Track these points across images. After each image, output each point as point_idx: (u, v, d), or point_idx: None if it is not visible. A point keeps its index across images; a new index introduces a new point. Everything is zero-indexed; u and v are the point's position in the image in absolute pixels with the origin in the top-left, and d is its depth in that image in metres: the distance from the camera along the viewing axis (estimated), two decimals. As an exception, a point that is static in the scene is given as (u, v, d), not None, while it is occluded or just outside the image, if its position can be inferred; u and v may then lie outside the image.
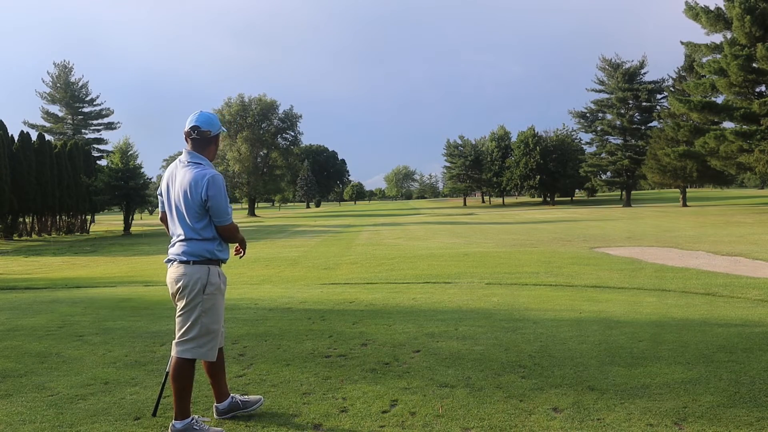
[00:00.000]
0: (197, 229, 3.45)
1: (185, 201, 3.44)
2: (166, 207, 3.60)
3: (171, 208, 3.54)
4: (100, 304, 8.18)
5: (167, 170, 3.63)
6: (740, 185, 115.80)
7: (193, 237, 3.46)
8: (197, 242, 3.46)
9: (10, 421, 3.65)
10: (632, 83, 66.26)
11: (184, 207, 3.45)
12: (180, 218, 3.49)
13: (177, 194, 3.48)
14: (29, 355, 5.24)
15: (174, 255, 3.50)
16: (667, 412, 3.60)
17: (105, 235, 42.49)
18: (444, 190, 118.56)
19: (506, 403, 3.78)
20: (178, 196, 3.47)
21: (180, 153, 3.61)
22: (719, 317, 6.50)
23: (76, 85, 64.92)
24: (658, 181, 56.34)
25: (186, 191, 3.43)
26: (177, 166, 3.55)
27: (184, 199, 3.45)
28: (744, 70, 37.82)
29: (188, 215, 3.45)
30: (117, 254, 24.41)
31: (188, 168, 3.47)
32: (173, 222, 3.54)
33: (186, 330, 3.43)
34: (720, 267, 11.81)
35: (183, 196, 3.45)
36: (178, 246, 3.49)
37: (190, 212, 3.44)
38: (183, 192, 3.44)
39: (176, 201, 3.49)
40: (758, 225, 25.35)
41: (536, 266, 12.39)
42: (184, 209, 3.45)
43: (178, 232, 3.50)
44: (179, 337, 3.45)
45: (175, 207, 3.51)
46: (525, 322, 6.30)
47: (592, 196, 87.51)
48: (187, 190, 3.42)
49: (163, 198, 3.61)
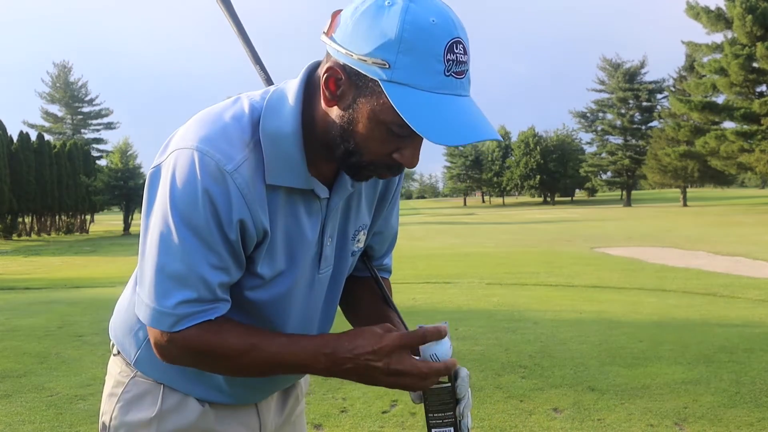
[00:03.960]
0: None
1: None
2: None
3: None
4: (100, 304, 8.16)
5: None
6: (741, 185, 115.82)
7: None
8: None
9: (10, 421, 3.64)
10: (633, 83, 66.22)
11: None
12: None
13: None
14: (28, 355, 5.22)
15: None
16: (667, 412, 3.59)
17: (104, 235, 42.48)
18: (444, 190, 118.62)
19: (506, 404, 3.77)
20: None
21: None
22: (720, 317, 6.50)
23: (75, 85, 64.96)
24: (659, 181, 56.38)
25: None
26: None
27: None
28: (744, 70, 37.85)
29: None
30: (117, 254, 24.39)
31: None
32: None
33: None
34: (720, 267, 11.80)
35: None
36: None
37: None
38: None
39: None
40: (759, 225, 25.33)
41: (536, 266, 12.38)
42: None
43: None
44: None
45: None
46: (525, 322, 6.29)
47: (592, 196, 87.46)
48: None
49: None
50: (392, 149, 1.03)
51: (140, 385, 1.23)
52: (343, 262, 1.27)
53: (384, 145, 1.02)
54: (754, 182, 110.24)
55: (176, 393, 1.22)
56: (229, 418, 1.25)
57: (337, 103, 1.03)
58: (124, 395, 1.25)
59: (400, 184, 1.33)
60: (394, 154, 1.03)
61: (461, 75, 0.97)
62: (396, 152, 1.03)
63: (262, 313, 1.19)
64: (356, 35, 0.97)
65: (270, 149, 1.07)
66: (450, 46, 0.95)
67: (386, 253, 1.41)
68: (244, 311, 1.16)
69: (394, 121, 0.97)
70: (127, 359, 1.26)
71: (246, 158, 1.05)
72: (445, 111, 0.95)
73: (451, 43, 0.95)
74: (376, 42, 0.95)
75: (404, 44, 0.94)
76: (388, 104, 0.96)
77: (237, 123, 1.07)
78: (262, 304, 1.17)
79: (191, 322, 1.06)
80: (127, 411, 1.24)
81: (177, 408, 1.22)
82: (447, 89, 0.96)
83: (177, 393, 1.22)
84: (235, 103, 1.12)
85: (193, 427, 1.22)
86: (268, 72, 1.42)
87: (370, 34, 0.96)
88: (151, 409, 1.22)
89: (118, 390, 1.26)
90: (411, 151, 1.03)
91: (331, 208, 1.17)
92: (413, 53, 0.94)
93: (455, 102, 0.97)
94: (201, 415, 1.22)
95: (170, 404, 1.22)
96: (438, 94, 0.95)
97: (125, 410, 1.24)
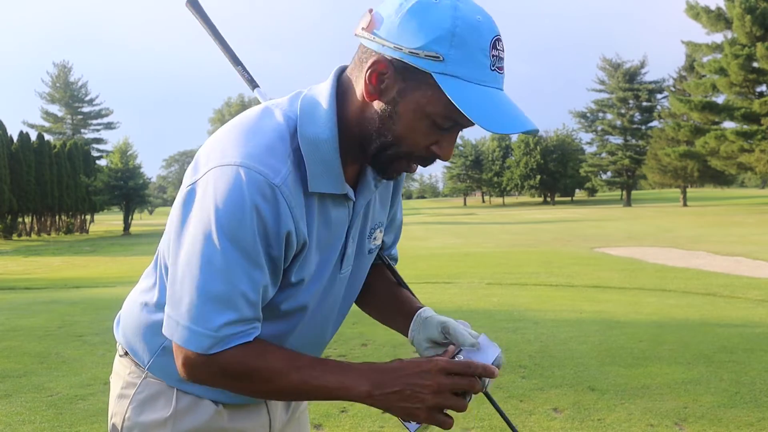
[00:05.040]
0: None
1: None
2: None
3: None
4: (100, 304, 8.16)
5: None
6: (741, 185, 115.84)
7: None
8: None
9: (10, 421, 3.64)
10: (632, 83, 66.22)
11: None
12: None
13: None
14: (28, 355, 5.22)
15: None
16: (667, 412, 3.59)
17: (104, 235, 42.49)
18: (444, 190, 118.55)
19: (506, 404, 3.77)
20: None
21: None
22: (720, 317, 6.50)
23: (75, 85, 64.98)
24: (659, 181, 56.40)
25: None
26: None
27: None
28: (744, 70, 37.88)
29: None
30: (117, 254, 24.40)
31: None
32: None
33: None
34: (721, 267, 11.79)
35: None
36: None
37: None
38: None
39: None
40: (759, 225, 25.34)
41: (536, 266, 12.38)
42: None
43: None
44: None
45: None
46: (525, 322, 6.29)
47: (592, 196, 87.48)
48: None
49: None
50: (432, 141, 1.06)
51: (153, 386, 1.23)
52: (362, 260, 1.29)
53: (425, 138, 1.05)
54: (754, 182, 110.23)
55: (189, 394, 1.22)
56: (241, 417, 1.26)
57: (380, 97, 1.04)
58: (137, 396, 1.24)
59: (403, 176, 1.36)
60: (433, 146, 1.06)
61: (502, 70, 1.03)
62: (434, 145, 1.06)
63: (289, 320, 1.19)
64: (406, 30, 0.99)
65: (311, 157, 1.07)
66: (494, 43, 1.00)
67: (393, 243, 1.46)
68: (270, 321, 1.15)
69: (440, 113, 1.01)
70: (138, 362, 1.26)
71: (290, 170, 1.05)
72: (495, 102, 1.00)
73: (495, 40, 1.00)
74: (429, 36, 0.97)
75: (456, 38, 0.97)
76: (436, 97, 0.99)
77: (277, 134, 1.07)
78: (292, 311, 1.18)
79: (231, 343, 1.04)
80: (141, 412, 1.23)
81: (191, 408, 1.22)
82: (492, 83, 1.00)
83: (190, 394, 1.22)
84: (267, 114, 1.11)
85: (207, 426, 1.23)
86: (250, 73, 1.46)
87: (421, 29, 0.98)
88: (165, 409, 1.22)
89: (130, 391, 1.25)
90: (449, 143, 1.07)
91: (357, 209, 1.19)
92: (464, 48, 0.97)
93: (499, 94, 1.01)
94: (214, 415, 1.23)
95: (184, 404, 1.22)
96: (486, 87, 0.99)
97: (139, 411, 1.23)
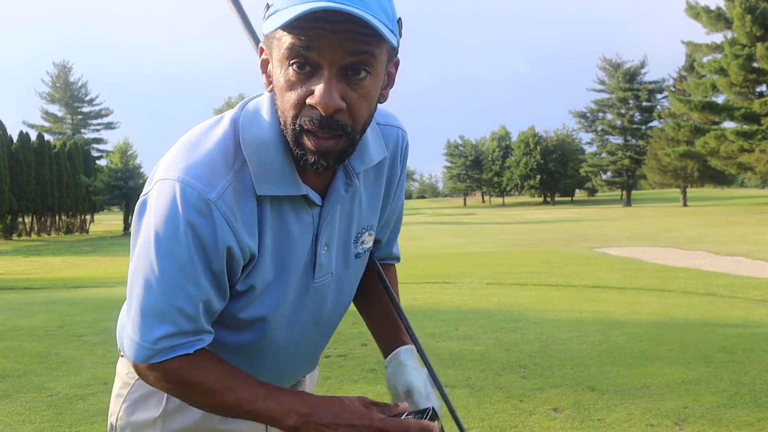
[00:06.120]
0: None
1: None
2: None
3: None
4: (100, 304, 8.16)
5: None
6: (741, 185, 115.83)
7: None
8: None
9: (9, 421, 3.64)
10: (632, 83, 66.23)
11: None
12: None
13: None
14: (28, 355, 5.22)
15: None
16: (667, 412, 3.59)
17: (104, 235, 42.49)
18: (444, 190, 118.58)
19: (506, 404, 3.77)
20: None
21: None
22: (720, 317, 6.49)
23: (75, 85, 64.98)
24: (659, 181, 56.39)
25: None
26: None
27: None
28: (744, 70, 37.88)
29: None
30: (117, 254, 24.38)
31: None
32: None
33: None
34: (720, 267, 11.79)
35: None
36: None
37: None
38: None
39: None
40: (759, 225, 25.34)
41: (536, 266, 12.38)
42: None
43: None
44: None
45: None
46: (525, 322, 6.29)
47: (592, 196, 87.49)
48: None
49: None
50: (304, 95, 0.97)
51: (146, 386, 1.20)
52: (348, 267, 1.25)
53: (296, 94, 0.97)
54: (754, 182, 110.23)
55: None
56: (234, 419, 1.20)
57: (270, 83, 1.03)
58: (130, 395, 1.25)
59: (403, 174, 1.29)
60: (308, 99, 0.97)
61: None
62: (309, 96, 0.96)
63: (253, 329, 1.17)
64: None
65: (254, 159, 1.04)
66: None
67: (390, 239, 1.39)
68: (236, 330, 1.15)
69: (289, 55, 0.95)
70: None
71: (230, 182, 1.02)
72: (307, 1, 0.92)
73: None
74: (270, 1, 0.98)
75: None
76: (280, 40, 0.96)
77: (221, 144, 1.05)
78: (253, 320, 1.15)
79: (168, 355, 1.05)
80: (133, 411, 1.24)
81: (181, 408, 1.20)
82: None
83: None
84: (218, 123, 1.10)
85: (197, 426, 1.22)
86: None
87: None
88: (155, 409, 1.22)
89: (125, 391, 1.26)
90: (319, 89, 0.95)
91: (325, 215, 1.14)
92: None
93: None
94: (205, 415, 1.20)
95: (175, 404, 1.20)
96: (304, 3, 0.91)
97: (131, 410, 1.24)
